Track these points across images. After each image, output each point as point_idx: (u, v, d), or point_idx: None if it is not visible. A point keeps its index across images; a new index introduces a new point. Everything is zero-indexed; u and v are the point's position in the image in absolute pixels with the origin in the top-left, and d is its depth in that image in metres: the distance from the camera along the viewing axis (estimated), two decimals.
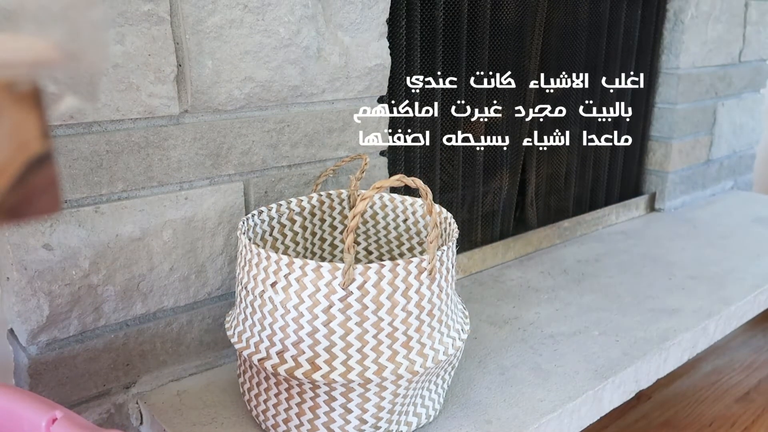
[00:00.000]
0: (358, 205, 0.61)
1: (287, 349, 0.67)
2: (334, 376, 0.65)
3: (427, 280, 0.68)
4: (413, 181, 0.65)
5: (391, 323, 0.66)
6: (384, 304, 0.66)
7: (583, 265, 1.29)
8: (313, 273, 0.65)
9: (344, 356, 0.66)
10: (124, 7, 0.72)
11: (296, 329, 0.66)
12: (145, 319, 0.82)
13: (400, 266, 0.66)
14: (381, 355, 0.67)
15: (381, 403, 0.69)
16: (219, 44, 0.80)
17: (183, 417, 0.78)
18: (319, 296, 0.65)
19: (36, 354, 0.75)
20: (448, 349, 0.71)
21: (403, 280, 0.66)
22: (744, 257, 1.34)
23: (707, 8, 1.56)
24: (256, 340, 0.69)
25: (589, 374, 0.88)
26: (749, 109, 1.82)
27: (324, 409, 0.69)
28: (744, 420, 1.21)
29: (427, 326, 0.69)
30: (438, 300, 0.70)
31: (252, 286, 0.69)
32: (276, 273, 0.67)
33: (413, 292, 0.67)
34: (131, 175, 0.77)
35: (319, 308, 0.65)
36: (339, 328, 0.66)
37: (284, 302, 0.66)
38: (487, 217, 1.30)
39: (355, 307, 0.65)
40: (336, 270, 0.64)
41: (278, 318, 0.67)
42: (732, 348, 1.47)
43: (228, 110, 0.83)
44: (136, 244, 0.79)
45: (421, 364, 0.68)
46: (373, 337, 0.66)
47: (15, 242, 0.70)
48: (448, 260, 0.71)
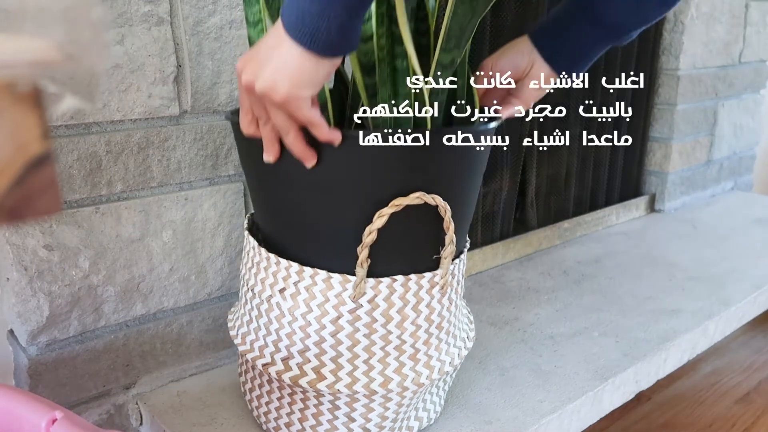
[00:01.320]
0: (375, 222, 0.59)
1: (292, 357, 0.66)
2: (339, 387, 0.64)
3: (438, 294, 0.67)
4: (433, 198, 0.61)
5: (399, 336, 0.65)
6: (394, 318, 0.64)
7: (583, 266, 1.29)
8: (323, 283, 0.63)
9: (350, 367, 0.65)
10: (124, 7, 0.72)
11: (303, 337, 0.65)
12: (145, 320, 0.82)
13: (412, 281, 0.64)
14: (387, 366, 0.65)
15: (385, 413, 0.68)
16: (219, 45, 0.80)
17: (183, 417, 0.78)
18: (328, 307, 0.64)
19: (36, 354, 0.75)
20: (454, 359, 0.70)
21: (415, 295, 0.65)
22: (744, 258, 1.34)
23: (707, 9, 1.56)
24: (261, 344, 0.68)
25: (589, 375, 0.88)
26: (749, 110, 1.82)
27: (327, 416, 0.68)
28: (744, 421, 1.21)
29: (435, 338, 0.68)
30: (447, 312, 0.69)
31: (259, 289, 0.68)
32: (285, 279, 0.65)
33: (424, 306, 0.66)
34: (131, 175, 0.77)
35: (327, 318, 0.64)
36: (346, 339, 0.64)
37: (292, 309, 0.65)
38: (487, 218, 1.30)
39: (364, 319, 0.64)
40: (347, 282, 0.63)
41: (285, 324, 0.66)
42: (732, 349, 1.47)
43: (228, 111, 0.83)
44: (136, 245, 0.79)
45: (427, 376, 0.67)
46: (380, 349, 0.65)
47: (15, 243, 0.70)
48: (459, 273, 0.70)
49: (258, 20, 0.64)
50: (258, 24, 0.64)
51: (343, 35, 0.48)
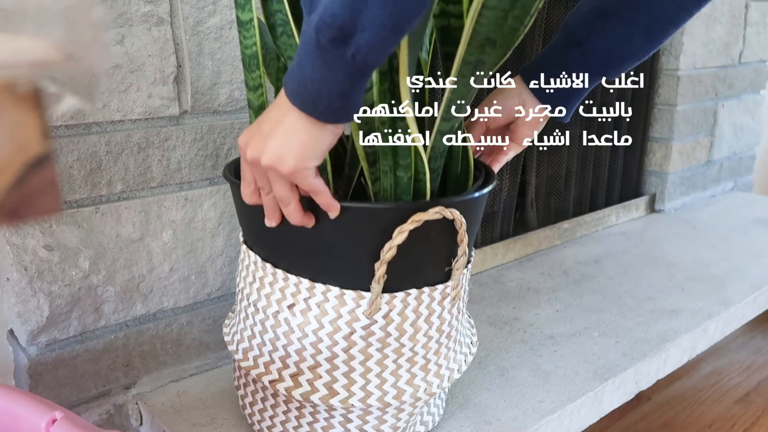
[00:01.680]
0: (395, 238, 0.58)
1: (302, 373, 0.64)
2: (352, 401, 0.64)
3: (449, 305, 0.67)
4: (451, 212, 0.60)
5: (412, 348, 0.65)
6: (407, 331, 0.64)
7: (583, 267, 1.29)
8: (336, 300, 0.62)
9: (363, 381, 0.64)
10: (124, 8, 0.72)
11: (314, 353, 0.64)
12: (145, 320, 0.82)
13: (425, 293, 0.64)
14: (400, 379, 0.65)
15: (397, 423, 0.68)
16: (219, 45, 0.80)
17: (183, 418, 0.78)
18: (341, 323, 0.62)
19: (36, 355, 0.75)
20: (461, 366, 0.71)
21: (427, 307, 0.65)
22: (744, 258, 1.34)
23: (707, 9, 1.56)
24: (266, 360, 0.67)
25: (589, 375, 0.88)
26: (749, 110, 1.82)
27: (339, 429, 0.67)
28: (744, 421, 1.21)
29: (445, 347, 0.68)
30: (456, 321, 0.69)
31: (264, 304, 0.66)
32: (294, 295, 0.64)
33: (436, 318, 0.66)
34: (131, 175, 0.77)
35: (340, 335, 0.63)
36: (359, 354, 0.63)
37: (302, 326, 0.64)
38: (487, 218, 1.30)
39: (378, 334, 0.63)
40: (360, 298, 0.62)
41: (294, 340, 0.64)
42: (732, 349, 1.47)
43: (228, 111, 0.83)
44: (136, 245, 0.79)
45: (438, 384, 0.67)
46: (393, 362, 0.65)
47: (15, 243, 0.70)
48: (466, 282, 0.70)
49: (258, 85, 0.65)
50: (258, 89, 0.65)
51: (345, 102, 0.49)
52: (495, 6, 0.54)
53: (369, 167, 0.63)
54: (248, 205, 0.63)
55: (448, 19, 0.63)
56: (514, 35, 0.56)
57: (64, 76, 0.24)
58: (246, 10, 0.62)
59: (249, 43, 0.63)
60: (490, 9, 0.54)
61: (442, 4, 0.62)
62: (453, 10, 0.62)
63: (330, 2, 0.44)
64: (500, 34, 0.55)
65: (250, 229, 0.68)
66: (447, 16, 0.63)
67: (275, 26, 0.63)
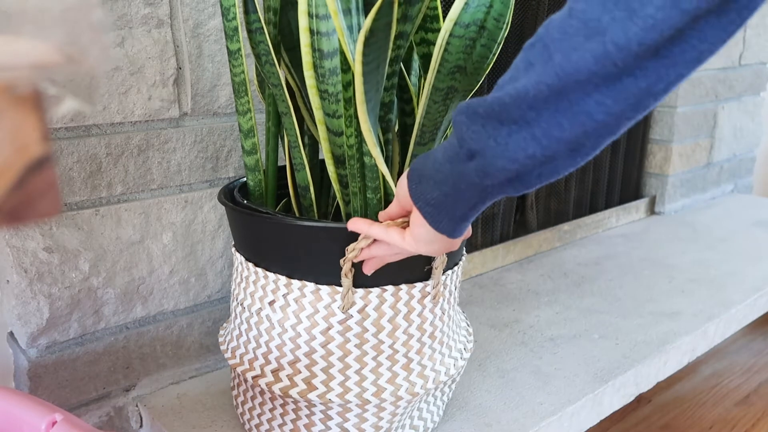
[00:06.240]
0: (360, 242, 0.59)
1: (283, 368, 0.66)
2: (330, 396, 0.65)
3: (430, 303, 0.67)
4: None
5: (391, 346, 0.66)
6: (385, 327, 0.65)
7: (583, 268, 1.29)
8: (312, 295, 0.64)
9: (342, 377, 0.65)
10: (124, 10, 0.72)
11: (293, 348, 0.65)
12: (145, 322, 0.82)
13: (403, 291, 0.65)
14: (380, 376, 0.66)
15: (379, 422, 0.68)
16: (219, 47, 0.80)
17: (183, 420, 0.78)
18: (318, 318, 0.64)
19: (36, 357, 0.74)
20: (449, 369, 0.70)
21: (406, 304, 0.65)
22: (744, 260, 1.34)
23: None
24: (251, 357, 0.69)
25: (589, 377, 0.88)
26: (749, 112, 1.82)
27: (320, 427, 0.68)
28: (744, 423, 1.21)
29: (428, 348, 0.68)
30: (440, 322, 0.69)
31: (249, 303, 0.68)
32: (274, 292, 0.66)
33: (416, 316, 0.66)
34: (131, 177, 0.77)
35: (317, 330, 0.64)
36: (337, 349, 0.65)
37: (282, 321, 0.66)
38: (487, 220, 1.30)
39: (354, 329, 0.64)
40: (335, 293, 0.63)
41: (275, 336, 0.66)
42: (732, 351, 1.47)
43: (228, 113, 0.83)
44: (136, 247, 0.79)
45: (422, 385, 0.67)
46: (372, 359, 0.65)
47: (15, 245, 0.70)
48: (451, 283, 0.71)
49: (246, 110, 0.70)
50: (247, 113, 0.70)
51: (455, 228, 0.52)
52: (462, 35, 0.57)
53: (342, 189, 0.66)
54: (234, 211, 0.66)
55: (428, 46, 0.67)
56: (483, 63, 0.60)
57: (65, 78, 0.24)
58: (234, 40, 0.67)
59: (237, 71, 0.68)
60: (458, 37, 0.57)
61: (422, 32, 0.66)
62: (432, 38, 0.65)
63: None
64: (470, 61, 0.59)
65: (236, 232, 0.71)
66: (427, 44, 0.67)
67: (260, 56, 0.67)
